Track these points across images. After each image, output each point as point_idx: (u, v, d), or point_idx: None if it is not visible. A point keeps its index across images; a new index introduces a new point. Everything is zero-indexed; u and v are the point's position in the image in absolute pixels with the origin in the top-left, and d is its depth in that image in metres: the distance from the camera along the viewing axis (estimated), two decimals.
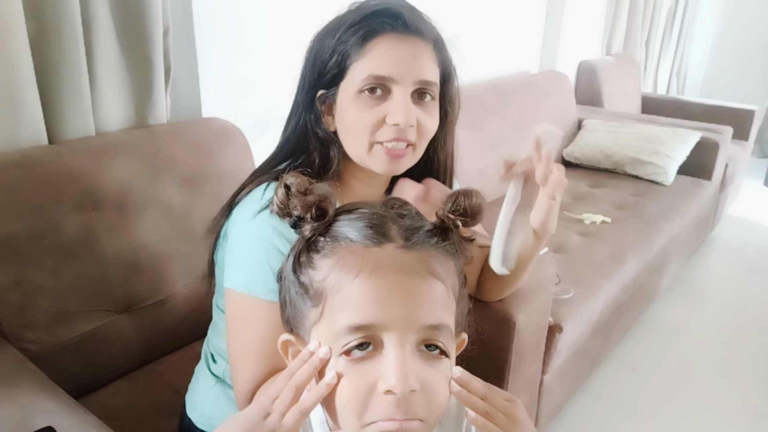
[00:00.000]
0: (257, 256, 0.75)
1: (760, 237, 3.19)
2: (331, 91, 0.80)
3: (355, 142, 0.81)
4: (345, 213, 0.56)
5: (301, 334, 0.56)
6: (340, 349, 0.50)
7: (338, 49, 0.78)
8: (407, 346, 0.49)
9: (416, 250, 0.52)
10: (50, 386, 0.84)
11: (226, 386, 0.92)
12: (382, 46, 0.77)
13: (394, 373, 0.47)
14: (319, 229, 0.54)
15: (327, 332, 0.51)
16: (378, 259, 0.51)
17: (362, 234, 0.52)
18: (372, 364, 0.49)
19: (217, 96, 1.41)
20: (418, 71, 0.78)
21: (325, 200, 0.55)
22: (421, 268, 0.51)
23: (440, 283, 0.52)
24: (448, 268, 0.54)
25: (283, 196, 0.55)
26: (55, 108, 1.11)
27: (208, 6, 1.33)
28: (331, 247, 0.53)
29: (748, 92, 4.25)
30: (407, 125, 0.77)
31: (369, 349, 0.49)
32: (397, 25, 0.77)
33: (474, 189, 0.58)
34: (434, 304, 0.51)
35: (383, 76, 0.76)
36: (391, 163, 0.80)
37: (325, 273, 0.52)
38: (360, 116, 0.78)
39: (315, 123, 0.83)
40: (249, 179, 0.86)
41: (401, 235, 0.53)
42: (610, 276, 1.70)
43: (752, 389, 1.93)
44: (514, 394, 1.24)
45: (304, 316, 0.54)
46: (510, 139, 2.28)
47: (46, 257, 0.99)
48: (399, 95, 0.77)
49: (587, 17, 3.07)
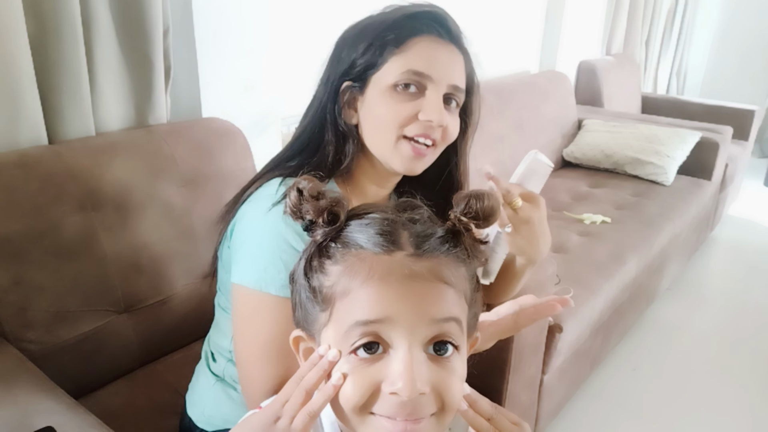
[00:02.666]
0: (270, 252, 0.74)
1: (760, 237, 3.19)
2: (359, 83, 0.80)
3: (381, 135, 0.81)
4: (356, 218, 0.55)
5: (312, 335, 0.56)
6: (349, 348, 0.50)
7: (375, 43, 0.79)
8: (416, 346, 0.49)
9: (426, 259, 0.52)
10: (50, 386, 0.84)
11: (226, 385, 0.92)
12: (423, 45, 0.78)
13: (402, 376, 0.47)
14: (331, 233, 0.54)
15: (335, 333, 0.51)
16: (387, 267, 0.51)
17: (373, 241, 0.52)
18: (379, 365, 0.49)
19: (217, 96, 1.41)
20: (453, 75, 0.80)
21: (337, 204, 0.54)
22: (430, 275, 0.51)
23: (451, 288, 0.52)
24: (460, 274, 0.54)
25: (295, 200, 0.55)
26: (55, 108, 1.11)
27: (208, 6, 1.33)
28: (342, 254, 0.53)
29: (748, 92, 4.25)
30: (439, 124, 0.79)
31: (378, 351, 0.49)
32: (441, 30, 0.80)
33: (486, 190, 0.57)
34: (442, 302, 0.51)
35: (422, 72, 0.78)
36: (414, 161, 0.81)
37: (335, 279, 0.52)
38: (392, 109, 0.79)
39: (336, 114, 0.83)
40: (260, 173, 0.85)
41: (412, 242, 0.53)
42: (610, 276, 1.71)
43: (752, 389, 1.93)
44: (514, 394, 1.25)
45: (314, 319, 0.55)
46: (510, 139, 2.29)
47: (46, 257, 0.99)
48: (433, 94, 0.78)
49: (587, 17, 3.07)
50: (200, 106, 1.39)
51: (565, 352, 1.49)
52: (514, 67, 2.71)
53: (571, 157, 2.66)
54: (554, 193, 2.33)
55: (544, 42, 2.84)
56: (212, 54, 1.37)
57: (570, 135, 2.72)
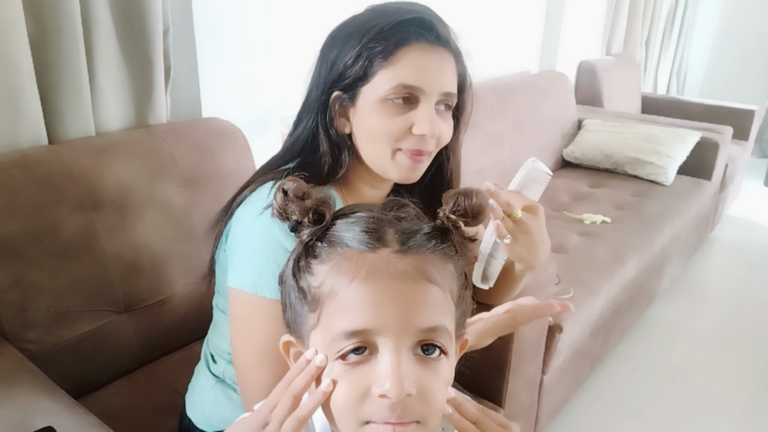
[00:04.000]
0: (264, 255, 0.74)
1: (760, 237, 3.19)
2: (349, 93, 0.79)
3: (376, 149, 0.81)
4: (343, 217, 0.55)
5: (302, 337, 0.56)
6: (336, 354, 0.50)
7: (364, 53, 0.77)
8: (403, 349, 0.49)
9: (412, 255, 0.52)
10: (50, 386, 0.84)
11: (225, 386, 0.92)
12: (413, 56, 0.77)
13: (389, 377, 0.47)
14: (317, 233, 0.54)
15: (323, 337, 0.51)
16: (372, 265, 0.50)
17: (358, 239, 0.52)
18: (367, 368, 0.49)
19: (217, 96, 1.41)
20: (444, 83, 0.79)
21: (322, 204, 0.54)
22: (416, 273, 0.51)
23: (436, 287, 0.52)
24: (446, 271, 0.54)
25: (281, 200, 0.55)
26: (55, 108, 1.11)
27: (208, 6, 1.33)
28: (328, 253, 0.53)
29: (748, 92, 4.24)
30: (432, 136, 0.78)
31: (365, 353, 0.49)
32: (429, 36, 0.78)
33: (475, 188, 0.58)
34: (430, 308, 0.51)
35: (413, 86, 0.77)
36: (411, 171, 0.81)
37: (322, 279, 0.52)
38: (384, 123, 0.78)
39: (328, 124, 0.82)
40: (253, 177, 0.85)
41: (397, 239, 0.52)
42: (610, 276, 1.70)
43: (752, 389, 1.93)
44: (514, 394, 1.25)
45: (303, 321, 0.54)
46: (510, 139, 2.28)
47: (46, 257, 0.99)
48: (425, 106, 0.78)
49: (587, 17, 3.07)
50: (200, 106, 1.39)
51: (565, 352, 1.49)
52: (514, 67, 2.71)
53: (571, 157, 2.66)
54: (554, 193, 2.33)
55: (544, 42, 2.84)
56: (212, 54, 1.37)
57: (570, 135, 2.72)
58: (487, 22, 2.41)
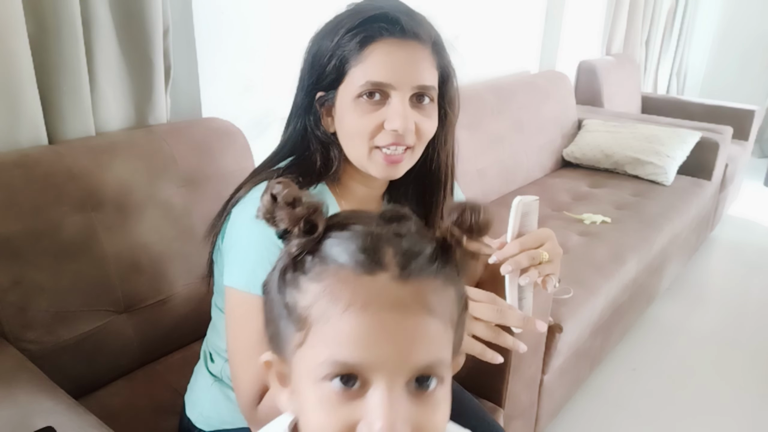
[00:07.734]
0: (258, 254, 0.75)
1: (760, 237, 3.19)
2: (330, 93, 0.80)
3: (354, 147, 0.81)
4: (337, 228, 0.50)
5: (284, 356, 0.51)
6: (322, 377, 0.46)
7: (336, 53, 0.78)
8: (396, 386, 0.45)
9: (412, 282, 0.47)
10: (50, 386, 0.84)
11: (224, 385, 0.92)
12: (379, 53, 0.77)
13: (380, 418, 0.44)
14: (308, 246, 0.49)
15: (310, 360, 0.47)
16: (369, 293, 0.46)
17: (354, 259, 0.47)
18: (356, 401, 0.45)
19: (217, 96, 1.41)
20: (416, 77, 0.78)
21: (314, 213, 0.49)
22: (416, 304, 0.47)
23: (437, 320, 0.48)
24: (447, 297, 0.50)
25: (268, 205, 0.50)
26: (55, 108, 1.11)
27: (208, 6, 1.33)
28: (319, 270, 0.47)
29: (748, 92, 4.25)
30: (405, 131, 0.78)
31: (355, 385, 0.45)
32: (394, 30, 0.77)
33: (483, 204, 0.53)
34: (428, 344, 0.47)
35: (381, 83, 0.76)
36: (390, 168, 0.81)
37: (312, 300, 0.47)
38: (358, 121, 0.78)
39: (315, 124, 0.83)
40: (247, 178, 0.86)
41: (397, 262, 0.47)
42: (610, 276, 1.70)
43: (752, 389, 1.93)
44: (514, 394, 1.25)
45: (286, 339, 0.50)
46: (510, 139, 2.29)
47: (46, 257, 0.99)
48: (397, 101, 0.77)
49: (587, 17, 3.07)
50: (200, 106, 1.39)
51: (565, 352, 1.49)
52: (514, 67, 2.71)
53: (571, 157, 2.66)
54: (554, 193, 2.33)
55: (544, 42, 2.84)
56: (212, 54, 1.37)
57: (570, 135, 2.72)
58: (487, 22, 2.41)
